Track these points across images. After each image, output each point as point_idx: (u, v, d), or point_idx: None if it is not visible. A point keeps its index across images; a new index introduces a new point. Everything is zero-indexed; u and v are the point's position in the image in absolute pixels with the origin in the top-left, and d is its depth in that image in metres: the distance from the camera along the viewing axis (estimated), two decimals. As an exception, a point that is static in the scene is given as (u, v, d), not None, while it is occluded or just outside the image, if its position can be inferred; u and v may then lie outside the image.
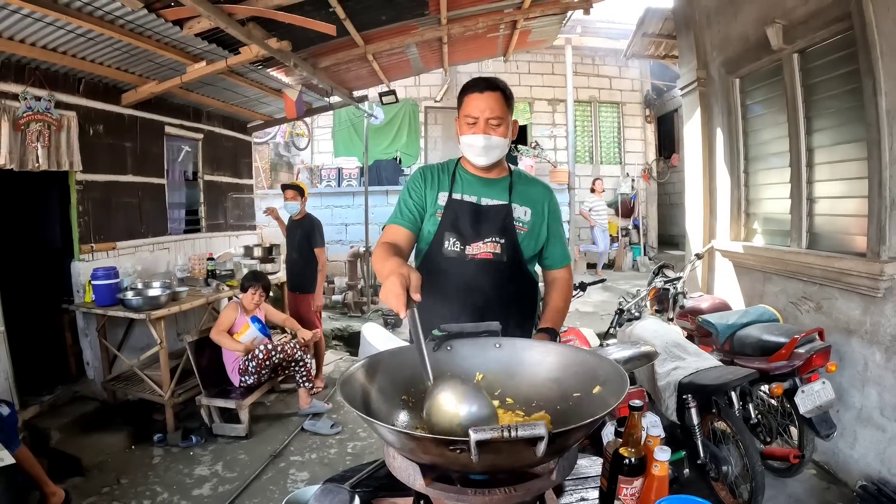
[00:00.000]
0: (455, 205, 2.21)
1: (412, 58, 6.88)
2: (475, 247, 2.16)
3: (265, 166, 12.20)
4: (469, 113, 2.09)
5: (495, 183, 2.24)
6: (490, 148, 2.10)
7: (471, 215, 2.19)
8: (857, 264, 3.52)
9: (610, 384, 1.35)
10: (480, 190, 2.23)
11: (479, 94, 2.08)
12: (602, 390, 1.36)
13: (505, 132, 2.11)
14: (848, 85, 3.69)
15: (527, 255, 2.21)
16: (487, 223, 2.17)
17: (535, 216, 2.22)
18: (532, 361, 1.61)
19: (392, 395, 1.49)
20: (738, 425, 3.25)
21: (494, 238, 2.16)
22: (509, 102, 2.12)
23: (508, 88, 2.15)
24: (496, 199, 2.21)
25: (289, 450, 4.52)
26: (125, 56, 4.57)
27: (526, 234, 2.20)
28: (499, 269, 2.16)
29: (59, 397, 4.84)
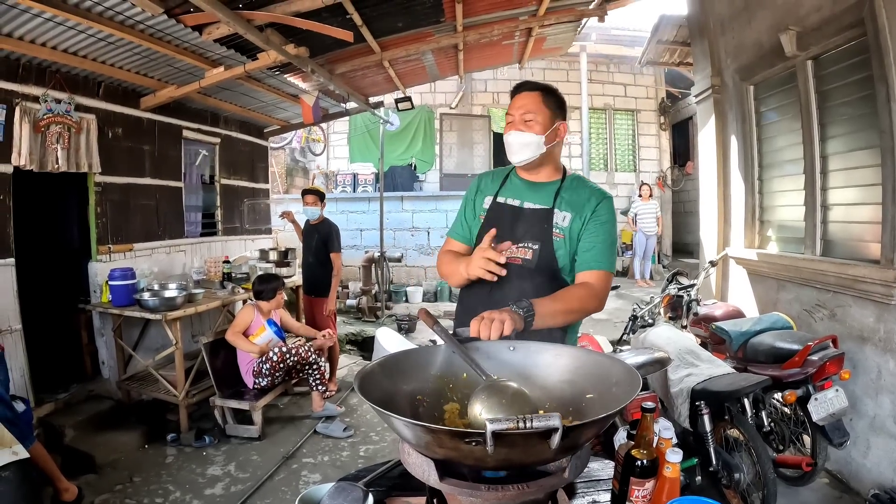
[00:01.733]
0: (497, 208, 2.21)
1: (428, 64, 6.93)
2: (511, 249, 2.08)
3: (281, 171, 12.30)
4: (508, 112, 2.15)
5: (543, 187, 2.20)
6: (520, 145, 2.09)
7: (511, 218, 2.16)
8: (870, 271, 3.50)
9: (622, 385, 1.37)
10: (525, 194, 2.20)
11: (518, 95, 2.13)
12: (615, 391, 1.37)
13: (540, 130, 2.07)
14: (862, 91, 3.68)
15: (562, 262, 2.11)
16: (526, 227, 2.13)
17: (574, 221, 2.11)
18: (545, 364, 1.62)
19: (407, 393, 1.52)
20: (751, 433, 3.23)
21: (529, 243, 2.11)
22: (550, 101, 2.10)
23: (553, 89, 2.15)
24: (539, 204, 2.16)
25: (301, 452, 4.55)
26: (144, 60, 4.65)
27: (562, 240, 2.10)
28: (528, 275, 2.09)
29: (74, 395, 4.90)
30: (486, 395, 1.35)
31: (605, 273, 2.06)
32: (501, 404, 1.30)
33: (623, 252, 12.10)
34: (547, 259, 2.09)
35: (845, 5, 3.62)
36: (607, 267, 2.07)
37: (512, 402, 1.31)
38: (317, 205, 5.80)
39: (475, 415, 1.32)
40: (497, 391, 1.36)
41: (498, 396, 1.33)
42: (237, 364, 5.05)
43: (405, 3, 4.85)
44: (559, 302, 1.92)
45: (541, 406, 1.49)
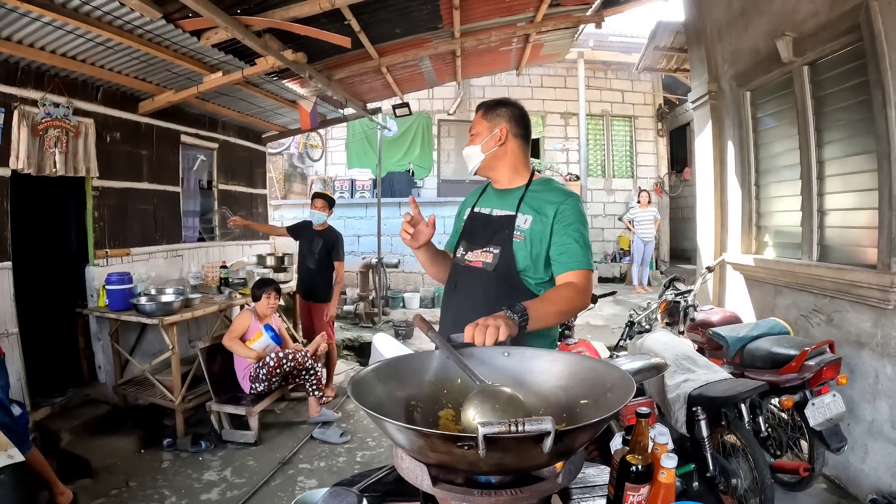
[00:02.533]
0: (472, 217, 2.38)
1: (426, 70, 6.95)
2: (474, 254, 2.27)
3: (279, 177, 12.31)
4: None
5: (509, 193, 2.31)
6: (466, 157, 2.35)
7: (481, 226, 2.31)
8: (867, 276, 3.51)
9: (616, 390, 1.36)
10: (495, 202, 2.34)
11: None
12: (609, 397, 1.37)
13: (479, 141, 2.29)
14: (858, 97, 3.70)
15: (521, 264, 2.18)
16: (490, 232, 2.26)
17: (535, 223, 2.18)
18: (540, 369, 1.62)
19: (401, 399, 1.51)
20: (748, 438, 3.23)
21: (491, 248, 2.23)
22: (488, 114, 2.32)
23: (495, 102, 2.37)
24: (505, 210, 2.27)
25: (297, 457, 4.53)
26: (143, 65, 4.65)
27: (521, 242, 2.18)
28: (486, 278, 2.21)
29: (70, 400, 4.89)
30: (480, 400, 1.34)
31: (585, 271, 2.12)
32: (495, 409, 1.30)
33: (621, 258, 12.15)
34: (506, 261, 2.19)
35: (841, 11, 3.64)
36: (585, 265, 2.12)
37: (506, 408, 1.31)
38: (325, 210, 5.78)
39: (469, 420, 1.32)
40: (491, 396, 1.36)
41: (492, 401, 1.33)
42: (234, 369, 5.05)
43: (403, 9, 4.87)
44: (550, 304, 1.98)
45: (535, 412, 1.48)
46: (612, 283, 11.32)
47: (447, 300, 2.38)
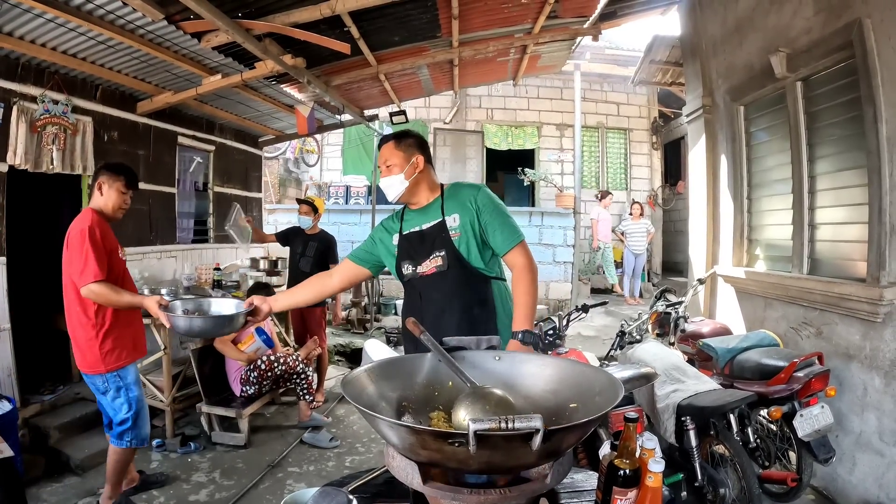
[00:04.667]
0: (404, 239, 2.64)
1: (423, 79, 6.99)
2: (425, 265, 2.56)
3: (274, 181, 12.30)
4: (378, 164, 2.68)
5: (429, 207, 2.65)
6: (388, 186, 2.60)
7: (417, 242, 2.60)
8: (857, 289, 3.54)
9: (605, 394, 1.39)
10: (420, 219, 2.64)
11: (381, 150, 2.64)
12: (598, 400, 1.39)
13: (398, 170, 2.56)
14: (849, 112, 3.74)
15: (469, 256, 2.53)
16: (430, 242, 2.57)
17: (463, 217, 2.54)
18: (529, 373, 1.65)
19: (393, 400, 1.53)
20: (737, 448, 3.25)
21: (437, 253, 2.54)
22: (402, 145, 2.59)
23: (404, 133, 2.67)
24: (433, 220, 2.60)
25: (287, 461, 4.52)
26: (143, 65, 4.67)
27: (460, 238, 2.53)
28: (447, 278, 2.53)
29: (60, 398, 4.87)
30: (471, 400, 1.36)
31: (519, 244, 2.51)
32: (485, 410, 1.32)
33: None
34: (455, 257, 2.52)
35: (834, 28, 3.69)
36: (517, 238, 2.51)
37: (496, 408, 1.33)
38: (309, 215, 5.80)
39: (459, 420, 1.34)
40: (481, 397, 1.38)
41: (482, 402, 1.35)
42: (225, 371, 5.04)
43: (402, 17, 4.90)
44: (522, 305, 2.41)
45: (525, 414, 1.51)
46: (604, 294, 11.34)
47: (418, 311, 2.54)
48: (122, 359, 3.41)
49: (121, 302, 3.21)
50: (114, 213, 3.45)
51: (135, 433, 3.49)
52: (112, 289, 3.18)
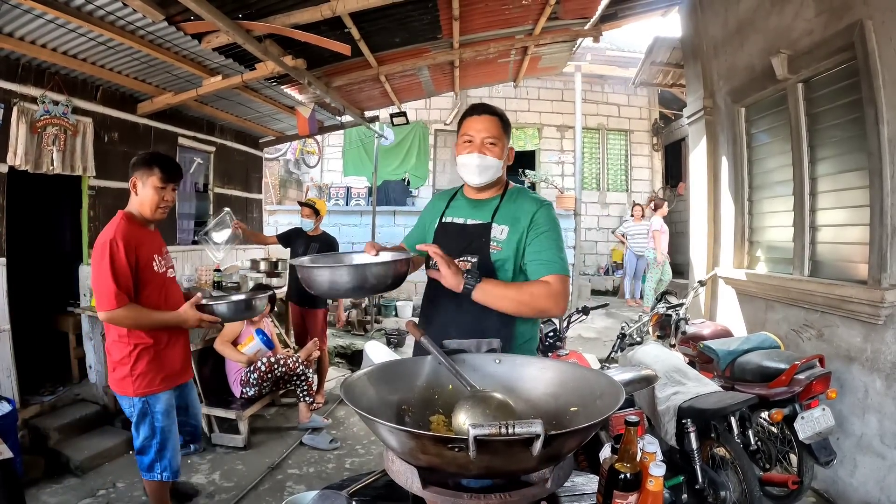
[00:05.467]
0: (443, 227, 2.35)
1: (424, 80, 6.98)
2: None
3: (275, 182, 12.30)
4: (466, 132, 2.19)
5: (485, 204, 2.30)
6: (484, 168, 2.17)
7: (454, 236, 2.28)
8: (858, 291, 3.54)
9: (606, 398, 1.38)
10: (469, 212, 2.31)
11: (478, 117, 2.19)
12: (599, 404, 1.38)
13: (499, 154, 2.18)
14: (851, 114, 3.74)
15: (501, 275, 2.16)
16: (466, 242, 2.23)
17: (511, 234, 2.17)
18: (530, 377, 1.64)
19: (393, 403, 1.52)
20: (737, 451, 3.24)
21: (468, 256, 2.20)
22: (506, 128, 2.22)
23: (506, 116, 2.26)
24: (480, 220, 2.26)
25: (287, 463, 4.52)
26: (143, 66, 4.66)
27: (499, 252, 2.17)
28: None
29: (60, 399, 4.86)
30: (471, 404, 1.36)
31: (559, 276, 2.06)
32: (486, 414, 1.31)
33: (614, 272, 12.18)
34: (484, 270, 2.13)
35: (836, 30, 3.68)
36: (559, 270, 2.08)
37: (496, 412, 1.33)
38: (311, 217, 5.79)
39: (459, 424, 1.33)
40: (481, 401, 1.37)
41: (482, 406, 1.35)
42: (225, 373, 5.03)
43: (403, 18, 4.89)
44: (511, 288, 2.06)
45: (525, 418, 1.50)
46: (605, 296, 11.33)
47: (426, 308, 2.38)
48: (155, 385, 3.00)
49: (154, 323, 2.84)
50: (153, 213, 2.96)
51: (163, 465, 3.12)
52: (139, 312, 2.78)
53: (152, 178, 2.91)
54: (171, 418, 3.13)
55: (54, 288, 5.53)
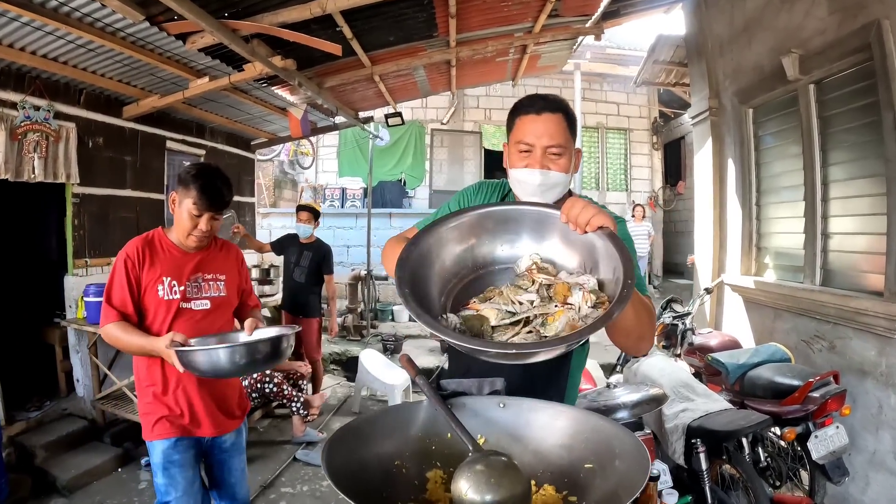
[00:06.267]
0: None
1: (419, 80, 6.82)
2: None
3: (269, 184, 12.14)
4: (522, 139, 1.64)
5: None
6: (549, 187, 1.64)
7: None
8: (874, 304, 3.41)
9: (627, 459, 1.21)
10: None
11: (537, 116, 1.63)
12: (618, 466, 1.22)
13: (567, 166, 1.65)
14: (866, 118, 3.60)
15: None
16: None
17: None
18: (539, 425, 1.45)
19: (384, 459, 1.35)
20: (749, 472, 3.10)
21: None
22: (573, 128, 1.67)
23: (571, 110, 1.70)
24: None
25: (280, 480, 4.36)
26: (127, 69, 4.51)
27: None
28: None
29: (46, 414, 4.73)
30: (473, 472, 1.19)
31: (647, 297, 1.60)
32: (490, 484, 1.15)
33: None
34: None
35: (851, 29, 3.55)
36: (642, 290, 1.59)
37: (501, 481, 1.16)
38: (310, 223, 5.59)
39: (460, 493, 1.16)
40: (486, 467, 1.20)
41: (486, 474, 1.18)
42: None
43: (397, 16, 4.73)
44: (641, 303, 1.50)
45: (533, 473, 1.33)
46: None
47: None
48: (149, 428, 2.49)
49: (130, 346, 2.41)
50: (184, 239, 2.51)
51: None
52: (122, 330, 2.38)
53: (187, 202, 2.43)
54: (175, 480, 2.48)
55: (40, 299, 5.36)
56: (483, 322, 1.32)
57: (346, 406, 5.94)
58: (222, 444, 2.65)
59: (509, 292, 1.42)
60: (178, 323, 2.47)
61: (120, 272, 2.43)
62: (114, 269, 2.45)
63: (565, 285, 1.37)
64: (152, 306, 2.46)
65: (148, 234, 2.54)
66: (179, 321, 2.48)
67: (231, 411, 2.66)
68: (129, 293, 2.42)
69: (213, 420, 2.56)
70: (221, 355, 2.19)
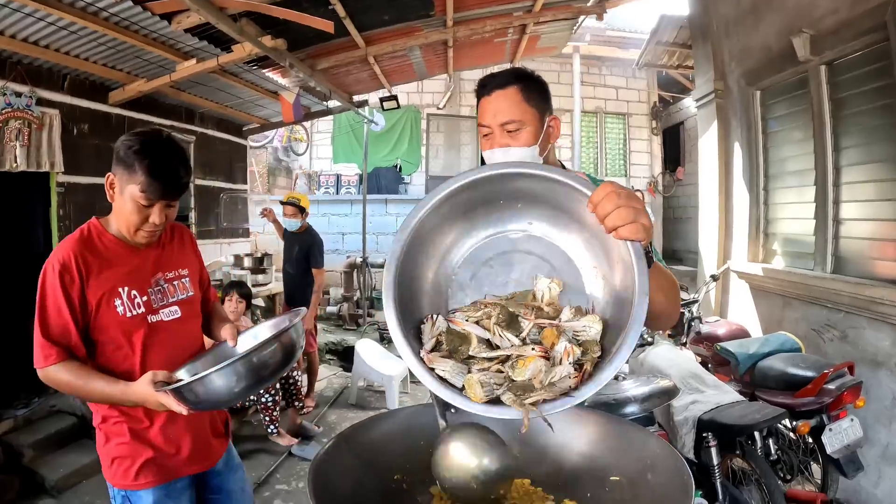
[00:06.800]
0: None
1: (415, 62, 6.66)
2: None
3: (262, 171, 11.96)
4: (482, 122, 1.60)
5: None
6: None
7: None
8: (891, 293, 3.29)
9: (661, 474, 1.07)
10: None
11: (489, 97, 1.57)
12: (651, 480, 1.08)
13: (530, 138, 1.55)
14: (880, 100, 3.49)
15: None
16: None
17: None
18: (559, 429, 1.30)
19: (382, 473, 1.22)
20: (763, 467, 2.98)
21: None
22: (533, 95, 1.56)
23: (533, 77, 1.60)
24: None
25: (274, 477, 4.23)
26: (111, 52, 4.38)
27: None
28: None
29: (34, 412, 4.59)
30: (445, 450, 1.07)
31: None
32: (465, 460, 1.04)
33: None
34: None
35: (865, 8, 3.42)
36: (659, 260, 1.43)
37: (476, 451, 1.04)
38: (296, 217, 5.42)
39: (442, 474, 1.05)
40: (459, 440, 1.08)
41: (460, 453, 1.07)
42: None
43: (393, -6, 4.58)
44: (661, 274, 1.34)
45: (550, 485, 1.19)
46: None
47: None
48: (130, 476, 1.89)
49: (90, 396, 1.81)
50: (131, 234, 1.86)
51: None
52: (74, 374, 1.76)
53: (132, 189, 1.77)
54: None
55: (26, 292, 5.20)
56: (462, 343, 1.14)
57: (343, 398, 5.81)
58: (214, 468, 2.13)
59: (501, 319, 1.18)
60: (151, 344, 1.89)
61: (54, 292, 1.77)
62: (42, 289, 1.78)
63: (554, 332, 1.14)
64: (110, 329, 1.84)
65: (82, 231, 1.87)
66: (152, 341, 1.90)
67: (218, 429, 2.15)
68: (71, 318, 1.78)
69: (205, 448, 2.06)
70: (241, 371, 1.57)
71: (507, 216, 1.27)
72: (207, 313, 2.18)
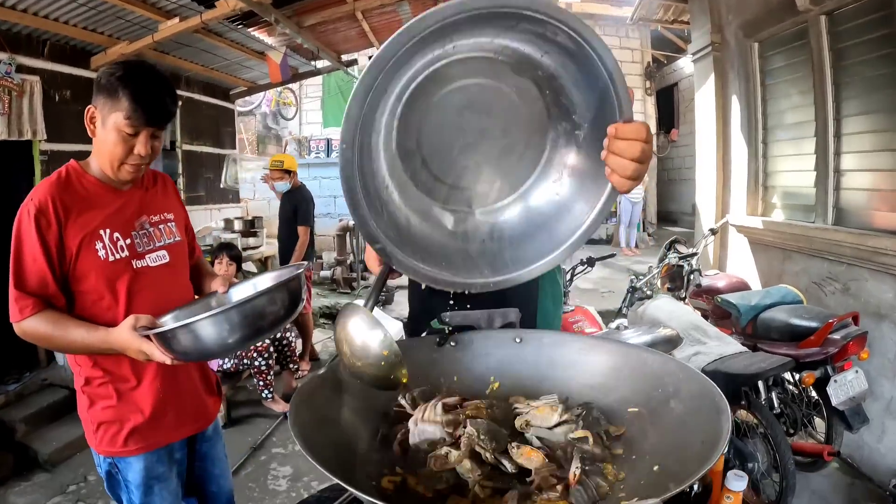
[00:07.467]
0: None
1: (405, 16, 6.47)
2: None
3: (251, 138, 11.78)
4: None
5: None
6: None
7: None
8: (893, 243, 3.25)
9: (686, 397, 1.01)
10: None
11: None
12: (674, 408, 1.02)
13: None
14: (882, 49, 3.42)
15: None
16: None
17: None
18: (565, 362, 1.24)
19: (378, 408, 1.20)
20: (769, 418, 2.94)
21: None
22: None
23: None
24: None
25: (271, 441, 4.20)
26: (91, 14, 4.28)
27: None
28: None
29: (26, 386, 4.54)
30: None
31: None
32: None
33: (607, 219, 11.82)
34: None
35: (866, -45, 3.30)
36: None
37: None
38: (283, 179, 5.31)
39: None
40: None
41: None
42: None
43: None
44: None
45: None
46: (599, 245, 10.99)
47: None
48: (119, 443, 1.78)
49: (70, 346, 1.67)
50: (115, 170, 1.72)
51: None
52: (52, 323, 1.63)
53: (116, 117, 1.63)
54: (161, 498, 1.86)
55: (11, 264, 5.10)
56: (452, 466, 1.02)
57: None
58: (204, 432, 2.02)
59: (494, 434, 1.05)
60: (136, 291, 1.75)
61: (30, 238, 1.62)
62: (18, 237, 1.64)
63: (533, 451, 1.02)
64: (91, 277, 1.70)
65: (59, 173, 1.73)
66: (137, 288, 1.75)
67: (211, 386, 2.06)
68: (48, 266, 1.64)
69: (198, 409, 1.96)
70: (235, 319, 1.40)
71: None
72: (194, 266, 2.05)
